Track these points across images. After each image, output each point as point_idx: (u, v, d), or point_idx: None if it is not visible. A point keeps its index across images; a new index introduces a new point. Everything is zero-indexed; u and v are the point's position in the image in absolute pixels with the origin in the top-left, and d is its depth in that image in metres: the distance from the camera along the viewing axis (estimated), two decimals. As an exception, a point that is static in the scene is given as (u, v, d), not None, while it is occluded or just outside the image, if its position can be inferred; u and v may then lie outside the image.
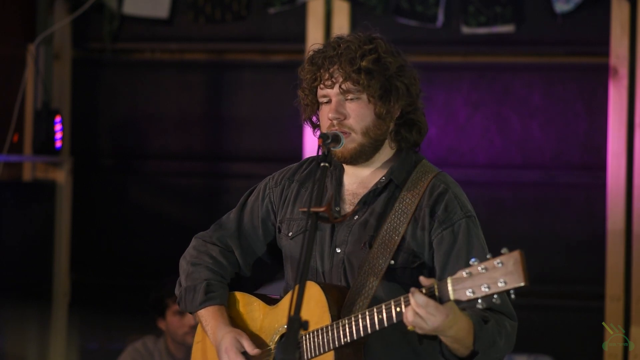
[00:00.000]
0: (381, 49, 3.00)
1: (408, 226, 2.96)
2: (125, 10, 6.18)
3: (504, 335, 2.89)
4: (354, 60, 2.97)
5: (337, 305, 2.91)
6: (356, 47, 2.99)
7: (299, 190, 3.15)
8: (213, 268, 3.17)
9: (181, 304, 3.19)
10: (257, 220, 3.19)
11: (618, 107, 5.59)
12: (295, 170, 3.20)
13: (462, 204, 2.99)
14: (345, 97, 2.99)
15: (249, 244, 3.20)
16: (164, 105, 6.26)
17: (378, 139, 3.01)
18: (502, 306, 2.90)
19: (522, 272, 2.57)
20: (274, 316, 3.08)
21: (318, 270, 3.04)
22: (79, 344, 6.23)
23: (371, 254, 2.95)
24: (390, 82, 2.99)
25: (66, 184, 6.21)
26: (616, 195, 5.57)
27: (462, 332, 2.77)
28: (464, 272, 2.63)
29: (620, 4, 5.57)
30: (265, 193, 3.20)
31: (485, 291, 2.59)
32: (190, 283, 3.16)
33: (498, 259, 2.59)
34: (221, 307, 3.13)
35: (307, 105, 3.10)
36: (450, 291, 2.65)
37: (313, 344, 2.91)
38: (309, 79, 3.05)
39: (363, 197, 3.03)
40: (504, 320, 2.91)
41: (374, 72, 2.97)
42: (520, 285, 2.57)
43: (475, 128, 5.84)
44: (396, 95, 2.99)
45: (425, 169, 3.05)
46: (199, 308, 3.13)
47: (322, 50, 3.04)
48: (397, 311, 2.74)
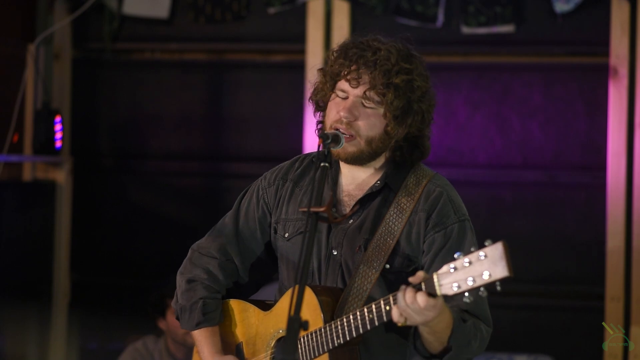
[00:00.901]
0: (416, 70, 2.97)
1: (403, 230, 2.95)
2: (125, 10, 6.17)
3: (479, 338, 2.90)
4: (389, 73, 2.93)
5: (330, 308, 2.91)
6: (395, 61, 2.94)
7: (293, 190, 3.13)
8: (208, 285, 3.15)
9: (180, 321, 3.20)
10: (253, 222, 3.17)
11: (618, 107, 5.58)
12: (288, 169, 3.18)
13: (456, 208, 2.99)
14: (364, 102, 2.96)
15: (247, 247, 3.18)
16: (164, 105, 6.26)
17: (378, 151, 3.00)
18: (479, 311, 2.91)
19: (506, 263, 2.55)
20: (269, 321, 3.07)
21: (314, 272, 3.03)
22: (79, 344, 6.23)
23: (366, 257, 2.95)
24: (411, 105, 2.96)
25: (66, 184, 6.21)
26: (616, 195, 5.57)
27: (442, 324, 2.77)
28: (449, 267, 2.62)
29: (620, 4, 5.57)
30: (260, 194, 3.18)
31: (471, 284, 2.58)
32: (185, 303, 3.16)
33: (482, 252, 2.58)
34: (214, 329, 3.14)
35: (322, 89, 3.04)
36: (437, 286, 2.64)
37: (307, 347, 2.91)
38: (335, 69, 2.99)
39: (359, 199, 3.02)
40: (479, 324, 2.91)
41: (401, 91, 2.93)
42: (505, 276, 2.55)
43: (475, 128, 5.84)
44: (411, 119, 2.97)
45: (421, 173, 3.04)
46: (195, 329, 3.14)
47: (360, 47, 2.98)
48: (387, 309, 2.74)
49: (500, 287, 2.57)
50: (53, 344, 6.17)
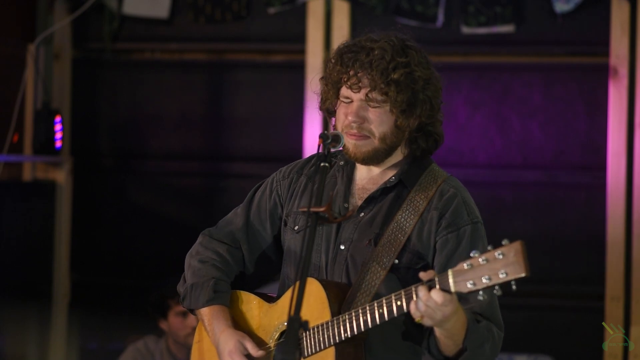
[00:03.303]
0: (413, 61, 2.97)
1: (415, 227, 2.96)
2: (125, 10, 6.18)
3: (492, 341, 2.90)
4: (386, 71, 2.92)
5: (338, 302, 2.91)
6: (390, 58, 2.94)
7: (307, 184, 3.14)
8: (220, 266, 3.16)
9: (185, 300, 3.18)
10: (264, 214, 3.19)
11: (618, 107, 5.59)
12: (304, 165, 3.20)
13: (470, 210, 2.99)
14: (369, 103, 2.96)
15: (256, 239, 3.19)
16: (164, 106, 6.26)
17: (393, 146, 3.01)
18: (492, 314, 2.92)
19: (523, 262, 2.57)
20: (273, 314, 3.07)
21: (321, 266, 3.03)
22: (79, 344, 6.23)
23: (376, 252, 2.95)
24: (416, 96, 2.96)
25: (66, 184, 6.22)
26: (616, 195, 5.57)
27: (458, 324, 2.77)
28: (464, 264, 2.63)
29: (620, 4, 5.57)
30: (273, 186, 3.20)
31: (486, 282, 2.59)
32: (197, 280, 3.15)
33: (499, 250, 2.59)
34: (224, 307, 3.13)
35: (327, 98, 3.06)
36: (451, 283, 2.65)
37: (313, 340, 2.91)
38: (335, 77, 3.01)
39: (371, 194, 3.03)
40: (492, 327, 2.91)
41: (402, 85, 2.93)
42: (521, 276, 2.57)
43: (475, 128, 5.84)
44: (419, 110, 2.98)
45: (435, 173, 3.06)
46: (204, 305, 3.12)
47: (354, 51, 2.98)
48: (398, 305, 2.74)
49: (515, 286, 2.58)
50: (53, 344, 6.17)
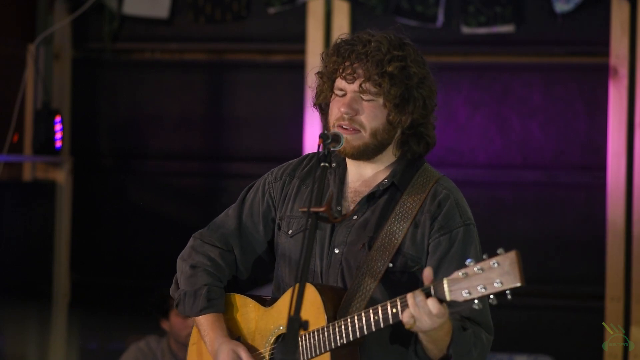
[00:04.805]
0: (410, 57, 2.97)
1: (408, 230, 2.94)
2: (125, 11, 6.18)
3: (479, 346, 2.89)
4: (381, 62, 2.93)
5: (333, 307, 2.90)
6: (386, 50, 2.94)
7: (300, 187, 3.12)
8: (212, 272, 3.14)
9: (179, 306, 3.18)
10: (257, 217, 3.17)
11: (618, 107, 5.59)
12: (296, 167, 3.18)
13: (462, 212, 2.98)
14: (362, 96, 2.96)
15: (249, 242, 3.18)
16: (164, 105, 6.26)
17: (384, 143, 2.99)
18: (482, 318, 2.91)
19: (518, 272, 2.56)
20: (269, 317, 3.06)
21: (315, 270, 3.02)
22: (79, 344, 6.23)
23: (370, 256, 2.94)
24: (410, 92, 2.96)
25: (66, 184, 6.22)
26: (616, 195, 5.57)
27: (442, 332, 2.76)
28: (459, 273, 2.62)
29: (620, 4, 5.57)
30: (265, 188, 3.17)
31: (482, 292, 2.59)
32: (190, 288, 3.14)
33: (494, 260, 2.58)
34: (219, 315, 3.12)
35: (322, 92, 3.05)
36: (446, 292, 2.64)
37: (309, 345, 2.90)
38: (330, 68, 3.01)
39: (364, 197, 3.02)
40: (480, 332, 2.90)
41: (396, 79, 2.93)
42: (516, 286, 2.56)
43: (475, 128, 5.84)
44: (412, 107, 2.97)
45: (428, 174, 3.03)
46: (198, 314, 3.13)
47: (351, 43, 2.98)
48: (394, 312, 2.73)
49: (511, 295, 2.58)
50: (53, 344, 6.17)
